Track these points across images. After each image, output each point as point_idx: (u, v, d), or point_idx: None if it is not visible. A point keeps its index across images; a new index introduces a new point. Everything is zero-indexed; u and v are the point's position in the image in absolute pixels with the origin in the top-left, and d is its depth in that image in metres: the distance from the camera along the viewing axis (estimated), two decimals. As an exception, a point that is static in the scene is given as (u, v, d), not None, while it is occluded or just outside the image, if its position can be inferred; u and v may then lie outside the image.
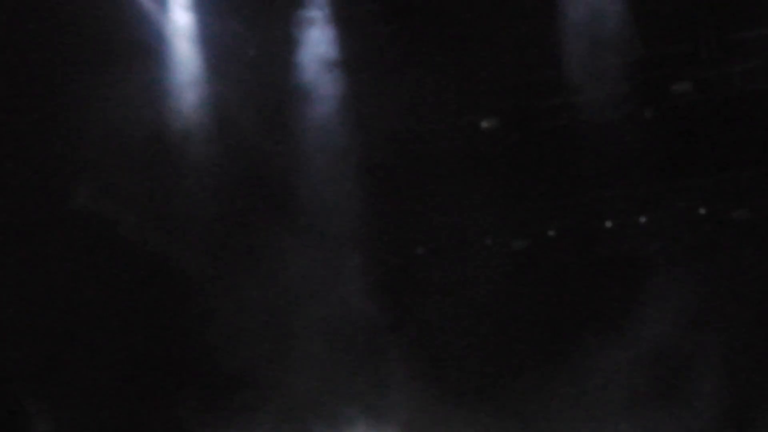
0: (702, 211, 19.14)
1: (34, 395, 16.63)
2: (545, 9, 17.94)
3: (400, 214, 20.32)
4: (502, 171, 19.44)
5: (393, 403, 19.78)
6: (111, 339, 17.91)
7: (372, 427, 19.48)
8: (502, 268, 20.39)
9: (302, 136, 19.08)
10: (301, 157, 19.11)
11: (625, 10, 17.58)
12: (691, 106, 18.17)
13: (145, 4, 17.83)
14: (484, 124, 19.30)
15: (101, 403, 17.72)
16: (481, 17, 18.45)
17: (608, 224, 19.77)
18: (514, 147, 19.28)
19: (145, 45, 17.89)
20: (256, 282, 20.01)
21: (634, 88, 18.28)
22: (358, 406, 19.56)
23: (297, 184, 19.19)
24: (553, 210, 20.01)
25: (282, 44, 19.06)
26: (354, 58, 18.84)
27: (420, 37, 18.24)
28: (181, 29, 18.36)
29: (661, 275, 18.79)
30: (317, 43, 18.89)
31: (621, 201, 19.46)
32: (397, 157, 19.83)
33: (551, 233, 20.20)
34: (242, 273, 19.75)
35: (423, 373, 19.75)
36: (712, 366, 18.03)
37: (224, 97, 19.31)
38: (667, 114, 18.23)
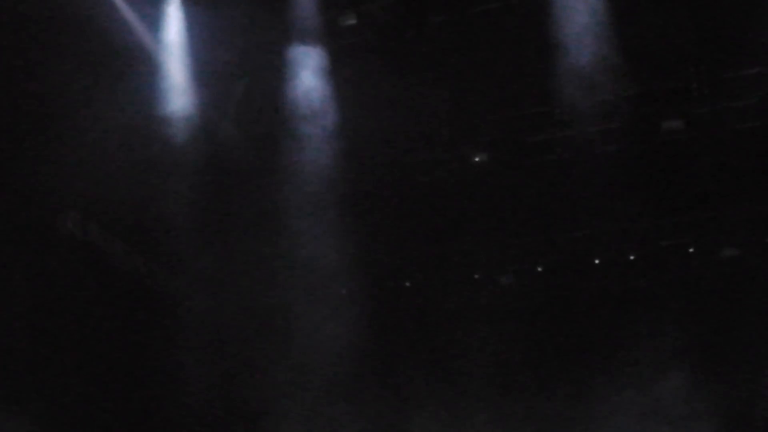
0: (691, 248, 19.13)
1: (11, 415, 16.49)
2: (539, 43, 17.94)
3: (389, 245, 20.25)
4: (491, 205, 19.41)
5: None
6: (95, 362, 17.79)
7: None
8: (490, 303, 20.37)
9: (292, 165, 19.03)
10: (290, 184, 19.05)
11: (618, 46, 17.59)
12: (681, 144, 18.16)
13: (137, 25, 17.79)
14: (476, 158, 19.27)
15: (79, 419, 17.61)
16: (475, 51, 18.49)
17: (597, 261, 19.74)
18: (505, 181, 19.25)
19: (133, 70, 17.85)
20: (240, 307, 19.95)
21: (625, 124, 18.27)
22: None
23: (283, 210, 19.12)
24: (541, 245, 19.96)
25: (273, 73, 19.03)
26: (346, 88, 18.81)
27: (412, 69, 18.23)
28: (172, 53, 18.31)
29: (650, 312, 18.78)
30: (309, 72, 18.86)
31: (610, 237, 19.43)
32: (387, 188, 19.80)
33: (539, 269, 20.17)
34: (228, 298, 19.70)
35: (409, 403, 19.70)
36: (704, 402, 18.00)
37: (216, 125, 19.29)
38: (657, 151, 18.23)
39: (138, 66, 17.84)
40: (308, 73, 18.86)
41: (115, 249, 18.43)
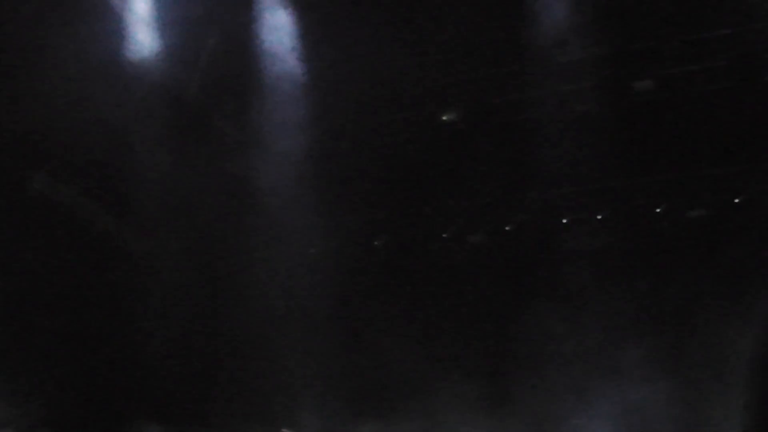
0: (659, 209, 19.22)
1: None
2: (509, 3, 17.90)
3: (358, 205, 20.23)
4: (461, 165, 19.41)
5: (347, 392, 19.76)
6: (63, 321, 17.70)
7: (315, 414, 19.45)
8: (459, 262, 20.41)
9: (260, 123, 18.94)
10: (259, 144, 18.97)
11: (589, 7, 17.59)
12: (652, 104, 18.20)
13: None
14: (444, 118, 19.25)
15: (51, 382, 17.54)
16: (444, 11, 18.40)
17: (565, 220, 19.80)
18: (474, 141, 19.24)
19: (103, 31, 17.64)
20: (212, 270, 19.90)
21: (595, 84, 18.29)
22: (310, 395, 19.49)
23: (254, 171, 19.05)
24: (510, 205, 19.99)
25: (241, 32, 18.87)
26: (314, 48, 18.71)
27: (382, 30, 18.13)
28: (140, 16, 18.10)
29: (617, 272, 18.88)
30: (277, 32, 18.73)
31: (578, 197, 19.48)
32: (356, 148, 19.76)
33: (508, 228, 20.20)
34: (200, 260, 19.64)
35: (377, 363, 19.74)
36: (666, 359, 18.15)
37: (183, 83, 19.13)
38: (627, 111, 18.26)
39: (102, 14, 17.58)
40: (276, 34, 18.73)
41: (85, 209, 18.29)
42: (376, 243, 20.81)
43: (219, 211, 19.44)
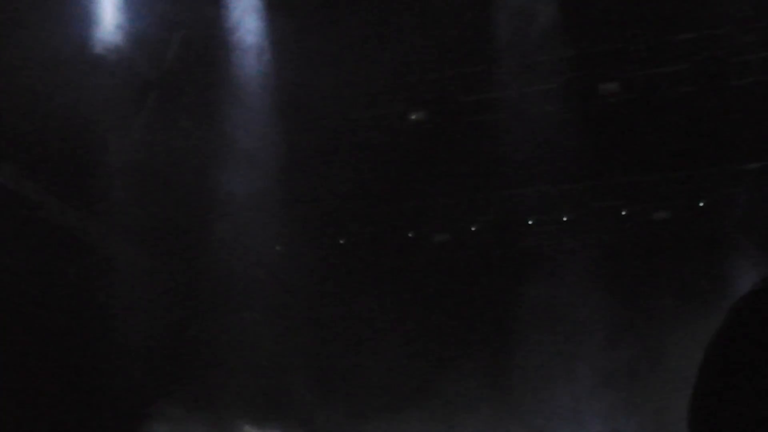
0: (624, 211, 19.32)
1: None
2: (477, 3, 17.95)
3: (322, 203, 20.22)
4: (426, 163, 19.45)
5: (304, 400, 19.75)
6: (27, 319, 17.62)
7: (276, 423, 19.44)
8: (424, 261, 20.45)
9: (227, 121, 18.92)
10: (225, 141, 18.95)
11: (555, 8, 17.66)
12: (617, 106, 18.28)
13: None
14: (412, 116, 19.28)
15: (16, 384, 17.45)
16: (413, 9, 18.42)
17: (530, 221, 19.87)
18: (441, 139, 19.28)
19: (70, 21, 17.55)
20: (177, 267, 19.86)
21: (561, 85, 18.36)
22: (273, 400, 19.48)
23: (218, 167, 19.02)
24: (476, 204, 20.05)
25: (209, 27, 18.84)
26: (282, 44, 18.69)
27: (350, 27, 18.12)
28: (107, 7, 18.00)
29: (581, 274, 18.95)
30: (245, 28, 18.71)
31: (544, 198, 19.54)
32: (322, 145, 19.75)
33: (474, 228, 20.26)
34: (164, 258, 19.60)
35: (344, 364, 19.77)
36: (631, 366, 18.22)
37: (149, 79, 19.08)
38: (592, 113, 18.34)
39: (68, 4, 17.49)
40: (244, 30, 18.71)
41: (51, 203, 18.22)
42: (341, 241, 20.84)
43: (186, 208, 19.39)
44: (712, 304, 17.45)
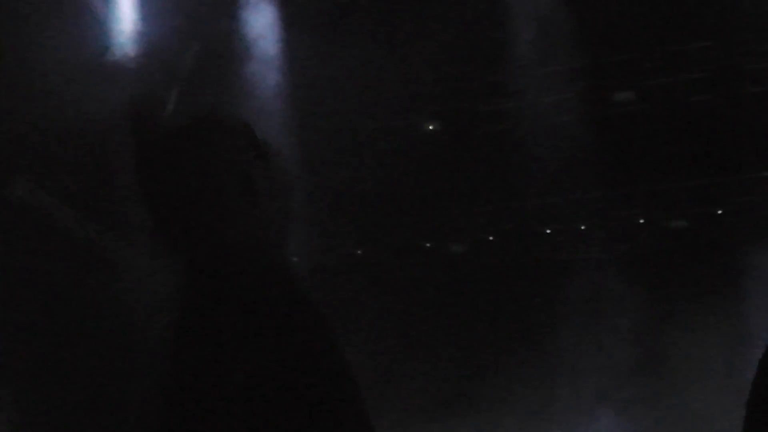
0: (641, 220, 19.29)
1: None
2: (491, 13, 17.96)
3: (339, 214, 20.22)
4: (443, 174, 19.44)
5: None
6: (42, 332, 17.66)
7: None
8: (441, 272, 20.42)
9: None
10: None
11: (570, 18, 17.65)
12: (632, 116, 18.27)
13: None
14: (428, 126, 19.30)
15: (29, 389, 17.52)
16: (427, 18, 18.43)
17: (548, 230, 19.85)
18: (456, 150, 19.28)
19: (85, 33, 17.59)
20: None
21: (576, 95, 18.36)
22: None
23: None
24: (493, 214, 20.03)
25: (223, 39, 18.88)
26: (295, 56, 18.71)
27: (365, 38, 18.15)
28: (122, 18, 18.03)
29: (599, 282, 18.92)
30: (259, 40, 18.74)
31: (561, 208, 19.52)
32: (338, 156, 19.75)
33: (491, 237, 20.25)
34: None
35: (359, 373, 19.72)
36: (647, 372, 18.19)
37: (165, 89, 19.11)
38: (608, 122, 18.32)
39: (83, 16, 17.53)
40: (258, 42, 18.74)
41: (66, 216, 18.25)
42: (358, 252, 20.84)
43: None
44: (729, 311, 17.49)
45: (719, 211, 19.06)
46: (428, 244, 20.56)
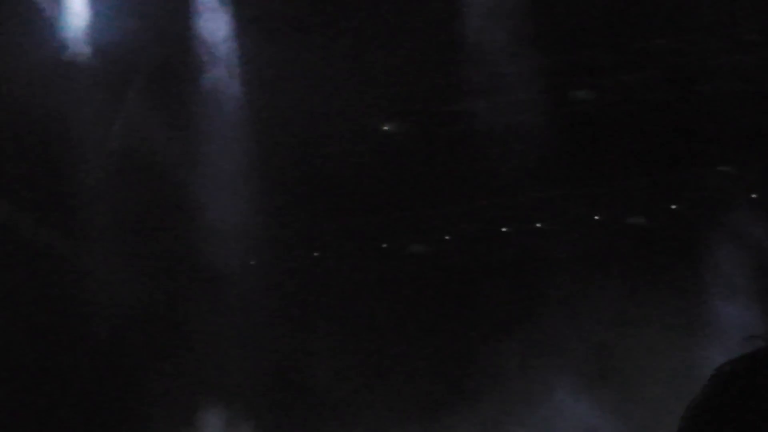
0: (598, 217, 19.41)
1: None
2: (447, 15, 17.96)
3: (297, 216, 20.19)
4: (400, 175, 19.44)
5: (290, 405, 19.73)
6: (5, 340, 17.54)
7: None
8: (399, 272, 20.45)
9: (201, 135, 18.85)
10: (199, 155, 18.89)
11: (526, 18, 17.69)
12: (588, 114, 18.36)
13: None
14: (386, 128, 19.31)
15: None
16: (383, 21, 18.41)
17: (505, 230, 19.92)
18: (413, 151, 19.29)
19: (34, 32, 17.41)
20: (151, 285, 19.81)
21: (532, 95, 18.40)
22: (248, 407, 19.42)
23: (193, 181, 18.96)
24: (450, 215, 20.07)
25: (179, 38, 18.78)
26: (254, 59, 18.64)
27: (322, 41, 18.11)
28: (73, 15, 17.80)
29: (557, 281, 19.00)
30: (215, 40, 18.66)
31: (518, 207, 19.60)
32: (296, 158, 19.72)
33: (448, 238, 20.31)
34: (139, 271, 19.53)
35: (320, 374, 19.76)
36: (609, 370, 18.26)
37: (121, 92, 19.02)
38: (564, 121, 18.39)
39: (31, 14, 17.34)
40: (214, 42, 18.64)
41: (25, 222, 18.08)
42: (315, 254, 20.83)
43: (160, 221, 19.35)
44: (688, 308, 17.61)
45: (675, 207, 19.23)
46: (386, 245, 20.58)
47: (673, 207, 19.19)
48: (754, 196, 18.45)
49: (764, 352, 1.99)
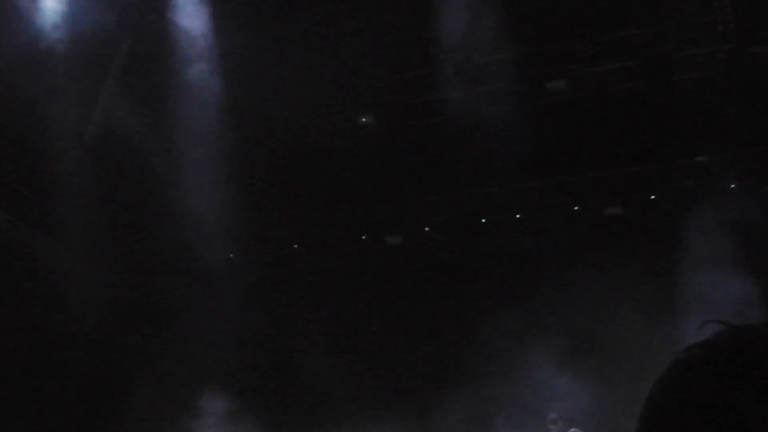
0: (576, 207, 19.43)
1: None
2: (421, 6, 17.96)
3: (275, 209, 20.18)
4: (378, 166, 19.45)
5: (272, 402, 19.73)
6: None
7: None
8: (377, 264, 20.45)
9: (177, 131, 18.79)
10: (175, 151, 18.84)
11: (501, 8, 17.70)
12: (565, 104, 18.38)
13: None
14: (362, 120, 19.30)
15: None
16: (357, 13, 18.39)
17: (483, 220, 19.93)
18: (390, 142, 19.29)
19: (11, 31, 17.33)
20: (124, 277, 19.77)
21: (509, 85, 18.42)
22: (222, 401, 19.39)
23: (169, 177, 18.93)
24: (428, 206, 20.07)
25: (155, 35, 18.73)
26: (228, 53, 18.60)
27: (297, 34, 18.08)
28: (50, 15, 17.71)
29: (535, 271, 19.04)
30: (191, 36, 18.61)
31: (496, 197, 19.60)
32: (272, 152, 19.71)
33: (427, 229, 20.31)
34: (118, 269, 19.49)
35: (299, 368, 19.77)
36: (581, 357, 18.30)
37: (97, 86, 18.96)
38: (541, 111, 18.41)
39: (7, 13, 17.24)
40: (190, 38, 18.60)
41: (1, 219, 17.97)
42: (295, 246, 20.81)
43: (135, 218, 19.29)
44: (664, 296, 17.64)
45: (652, 197, 19.26)
46: (364, 237, 20.57)
47: (652, 197, 19.23)
48: (732, 186, 18.49)
49: (721, 338, 2.01)
